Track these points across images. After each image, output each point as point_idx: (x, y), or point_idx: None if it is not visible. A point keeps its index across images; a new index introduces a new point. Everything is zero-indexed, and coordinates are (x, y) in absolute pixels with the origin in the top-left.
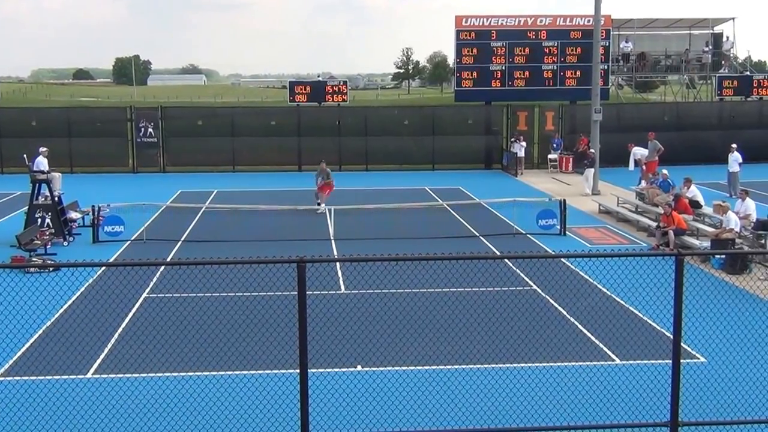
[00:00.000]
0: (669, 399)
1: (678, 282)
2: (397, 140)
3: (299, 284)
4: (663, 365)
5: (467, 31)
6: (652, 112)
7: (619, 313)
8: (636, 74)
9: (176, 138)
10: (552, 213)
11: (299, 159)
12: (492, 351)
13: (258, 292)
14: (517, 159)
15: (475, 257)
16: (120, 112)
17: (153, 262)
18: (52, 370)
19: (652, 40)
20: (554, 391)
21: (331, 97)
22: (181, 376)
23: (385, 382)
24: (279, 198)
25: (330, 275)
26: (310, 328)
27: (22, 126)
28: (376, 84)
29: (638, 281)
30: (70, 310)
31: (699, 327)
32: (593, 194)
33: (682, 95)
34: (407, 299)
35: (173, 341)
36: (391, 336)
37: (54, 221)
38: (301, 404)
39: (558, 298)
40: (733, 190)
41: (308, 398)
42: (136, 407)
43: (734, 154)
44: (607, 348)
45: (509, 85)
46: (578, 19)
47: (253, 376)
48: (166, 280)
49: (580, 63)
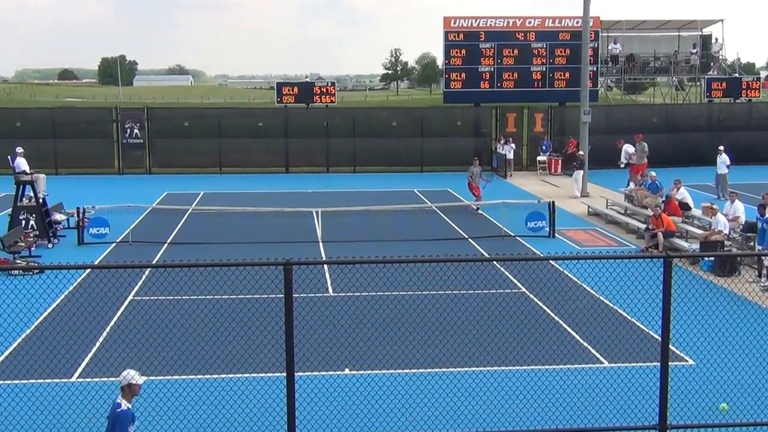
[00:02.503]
0: (657, 401)
1: (666, 284)
2: (385, 142)
3: (286, 287)
4: (651, 368)
5: (456, 32)
6: (641, 114)
7: (607, 316)
8: (625, 76)
9: (162, 139)
10: (541, 215)
11: (287, 161)
12: (480, 354)
13: (245, 295)
14: (506, 161)
15: (463, 260)
16: (105, 112)
17: (139, 265)
18: (36, 373)
19: (641, 42)
20: (543, 394)
21: (319, 98)
22: (167, 380)
23: (373, 386)
24: (266, 200)
25: (317, 278)
26: (297, 330)
27: (6, 127)
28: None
29: (627, 284)
30: (54, 312)
31: (687, 329)
32: (582, 196)
33: (671, 97)
34: (396, 302)
35: (159, 344)
36: (379, 339)
37: (38, 223)
38: (288, 408)
39: (547, 300)
40: (721, 192)
41: (295, 402)
42: None
43: (722, 156)
44: (596, 351)
45: (498, 86)
46: (567, 21)
47: (240, 380)
48: (151, 283)
49: (569, 65)
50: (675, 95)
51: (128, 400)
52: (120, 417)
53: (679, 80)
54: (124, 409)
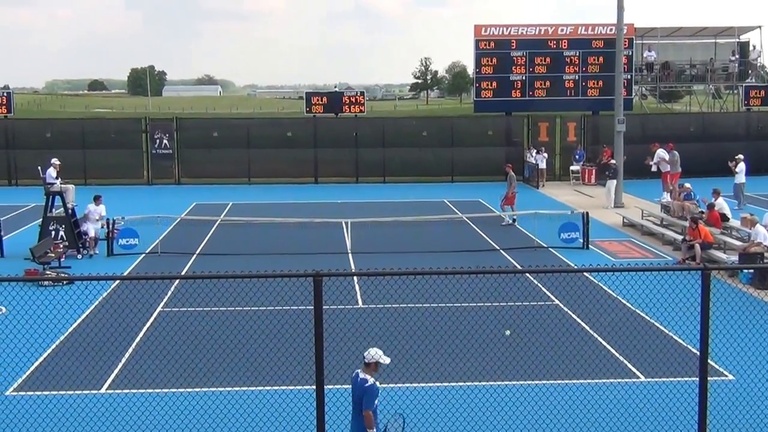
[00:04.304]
0: (696, 418)
1: (705, 297)
2: (415, 152)
3: (316, 298)
4: (689, 383)
5: (487, 41)
6: (676, 123)
7: (644, 329)
8: (660, 84)
9: (191, 149)
10: (575, 226)
11: (315, 171)
12: (513, 368)
13: (274, 306)
14: (538, 171)
15: (495, 271)
16: (135, 123)
17: (168, 276)
18: (66, 384)
19: (676, 49)
20: (577, 409)
21: (348, 108)
22: (195, 392)
23: (403, 399)
24: (295, 210)
25: (347, 289)
26: (327, 343)
27: (36, 138)
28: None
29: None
30: (84, 324)
31: (727, 343)
32: (616, 207)
33: (708, 105)
34: (426, 314)
35: (188, 356)
36: (409, 352)
37: (68, 234)
38: (318, 421)
39: (581, 313)
40: (739, 200)
41: (324, 415)
42: (150, 423)
43: (740, 164)
44: (632, 365)
45: (530, 95)
46: (600, 28)
47: (269, 392)
48: (180, 294)
49: (603, 73)
50: (712, 104)
51: (371, 375)
52: (369, 391)
53: (716, 88)
54: (372, 384)
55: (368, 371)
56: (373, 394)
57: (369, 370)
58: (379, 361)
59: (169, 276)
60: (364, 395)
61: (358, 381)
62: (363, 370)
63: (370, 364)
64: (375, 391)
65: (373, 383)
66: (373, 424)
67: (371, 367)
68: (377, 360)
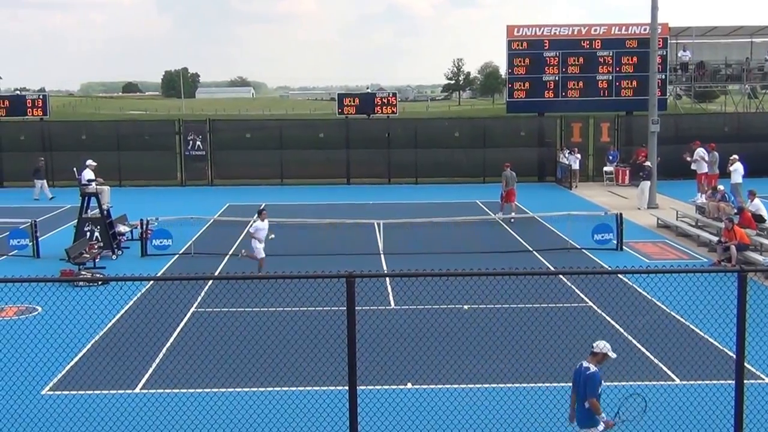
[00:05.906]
0: (732, 421)
1: (741, 299)
2: (447, 153)
3: (348, 299)
4: (725, 386)
5: (519, 41)
6: (711, 123)
7: (678, 332)
8: (695, 84)
9: (224, 151)
10: (608, 227)
11: (348, 172)
12: (546, 369)
13: (306, 307)
14: (571, 171)
15: (528, 273)
16: (168, 125)
17: (201, 276)
18: (101, 384)
19: (711, 49)
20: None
21: (380, 109)
22: (229, 392)
23: (436, 401)
24: (327, 211)
25: (379, 290)
26: (359, 344)
27: (71, 139)
28: (426, 95)
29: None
30: (118, 324)
31: (764, 346)
32: (649, 208)
33: (744, 105)
34: (458, 315)
35: (221, 356)
36: (442, 353)
37: (103, 235)
38: (350, 422)
39: (615, 315)
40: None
41: (357, 416)
42: (184, 423)
43: (736, 164)
44: (667, 367)
45: (563, 95)
46: (634, 28)
47: (302, 393)
48: (214, 295)
49: (637, 73)
50: (748, 103)
51: (594, 366)
52: (591, 378)
53: (752, 88)
54: (594, 371)
55: (593, 360)
56: (596, 382)
57: (594, 360)
58: (607, 353)
59: (202, 276)
60: (587, 382)
61: (581, 369)
62: (589, 360)
63: (597, 354)
64: (597, 379)
65: (596, 371)
66: (601, 410)
67: (597, 357)
68: (605, 352)
